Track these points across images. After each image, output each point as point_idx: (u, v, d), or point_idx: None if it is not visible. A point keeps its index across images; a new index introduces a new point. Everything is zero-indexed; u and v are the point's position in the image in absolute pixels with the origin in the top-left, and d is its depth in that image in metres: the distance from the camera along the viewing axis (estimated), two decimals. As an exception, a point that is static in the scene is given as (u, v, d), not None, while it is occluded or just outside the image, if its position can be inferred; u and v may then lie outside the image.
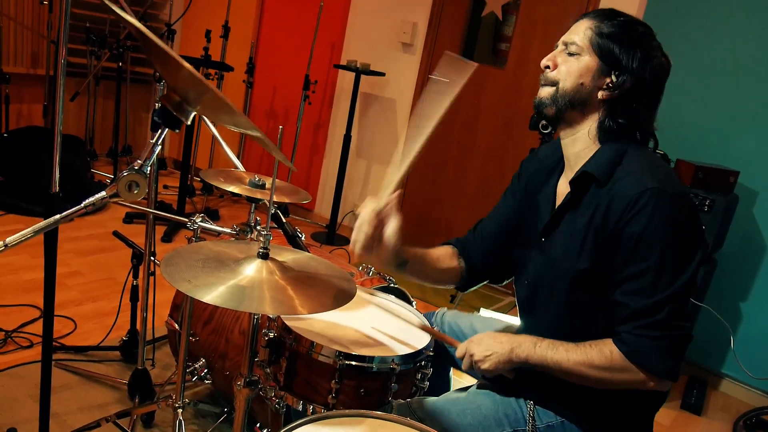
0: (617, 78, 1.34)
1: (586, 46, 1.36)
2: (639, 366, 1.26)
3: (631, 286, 1.28)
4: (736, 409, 3.17)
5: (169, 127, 0.96)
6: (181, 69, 0.82)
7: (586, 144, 1.40)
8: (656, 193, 1.25)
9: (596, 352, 1.29)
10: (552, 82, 1.40)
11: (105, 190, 0.96)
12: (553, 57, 1.41)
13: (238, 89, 4.87)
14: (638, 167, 1.32)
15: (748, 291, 3.27)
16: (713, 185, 2.97)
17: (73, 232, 3.71)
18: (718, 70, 3.20)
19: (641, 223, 1.26)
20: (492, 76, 4.06)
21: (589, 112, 1.39)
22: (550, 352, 1.34)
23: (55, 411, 2.16)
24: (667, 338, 1.25)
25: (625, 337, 1.27)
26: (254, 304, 1.16)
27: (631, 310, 1.27)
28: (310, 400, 1.50)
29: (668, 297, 1.24)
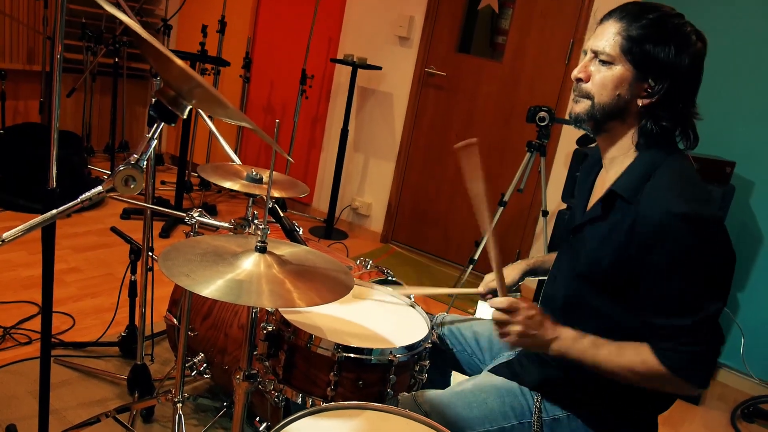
0: (655, 83, 1.29)
1: (617, 55, 1.29)
2: (684, 378, 1.26)
3: (667, 307, 1.26)
4: (734, 398, 3.19)
5: (165, 122, 0.96)
6: (173, 64, 0.82)
7: (625, 150, 1.36)
8: (682, 218, 1.21)
9: (639, 362, 1.27)
10: (587, 95, 1.34)
11: (102, 185, 0.96)
12: (585, 68, 1.35)
13: (235, 84, 4.86)
14: (667, 185, 1.27)
15: (744, 281, 3.28)
16: (709, 176, 2.97)
17: (71, 228, 3.71)
18: (713, 62, 3.20)
19: (666, 250, 1.23)
20: (489, 69, 4.06)
21: (630, 119, 1.34)
22: (591, 350, 1.31)
23: (55, 407, 2.17)
24: (706, 353, 1.25)
25: (669, 354, 1.25)
26: (252, 298, 1.17)
27: (674, 328, 1.25)
28: (309, 393, 1.50)
29: (706, 317, 1.24)
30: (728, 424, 2.97)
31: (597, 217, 1.38)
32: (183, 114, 0.97)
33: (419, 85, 4.26)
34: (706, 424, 2.94)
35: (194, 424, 2.21)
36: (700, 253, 1.22)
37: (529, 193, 3.88)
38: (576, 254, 1.42)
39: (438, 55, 4.19)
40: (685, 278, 1.23)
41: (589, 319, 1.38)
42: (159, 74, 0.94)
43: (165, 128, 5.20)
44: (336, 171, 4.38)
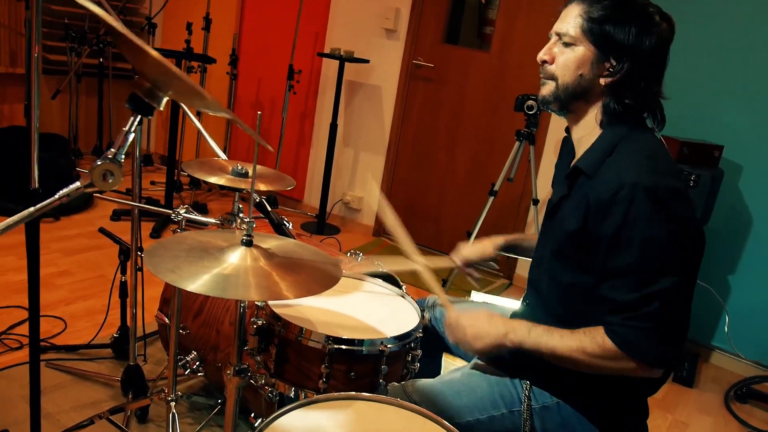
0: (616, 62, 1.31)
1: (578, 35, 1.32)
2: (631, 355, 1.24)
3: (617, 282, 1.26)
4: (727, 380, 3.21)
5: (142, 114, 0.95)
6: (148, 55, 0.81)
7: (590, 129, 1.39)
8: (632, 188, 1.22)
9: (589, 340, 1.28)
10: (551, 76, 1.38)
11: (79, 181, 0.94)
12: (549, 50, 1.39)
13: (222, 81, 4.83)
14: (625, 158, 1.29)
15: (735, 264, 3.29)
16: (698, 160, 2.98)
17: (60, 231, 3.69)
18: (701, 46, 3.21)
19: (617, 220, 1.23)
20: (477, 59, 4.05)
21: (593, 99, 1.37)
22: (545, 337, 1.32)
23: (48, 411, 2.16)
24: (658, 329, 1.23)
25: (616, 328, 1.25)
26: (239, 291, 1.16)
27: (620, 303, 1.25)
28: (302, 385, 1.50)
29: (657, 292, 1.22)
30: (722, 405, 2.98)
31: (564, 195, 1.40)
32: (160, 106, 0.96)
33: (407, 78, 4.25)
34: (700, 406, 2.95)
35: (189, 423, 2.20)
36: (650, 224, 1.21)
37: (520, 182, 3.88)
38: (551, 235, 1.44)
39: (425, 46, 4.18)
40: (631, 249, 1.23)
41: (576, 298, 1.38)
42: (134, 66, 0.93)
43: (153, 128, 5.16)
44: (326, 166, 4.36)
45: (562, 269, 1.38)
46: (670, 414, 2.84)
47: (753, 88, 3.14)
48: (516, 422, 1.42)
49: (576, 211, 1.32)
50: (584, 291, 1.34)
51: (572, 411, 1.41)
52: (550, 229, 1.45)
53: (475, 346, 1.40)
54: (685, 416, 2.84)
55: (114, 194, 4.27)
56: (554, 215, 1.44)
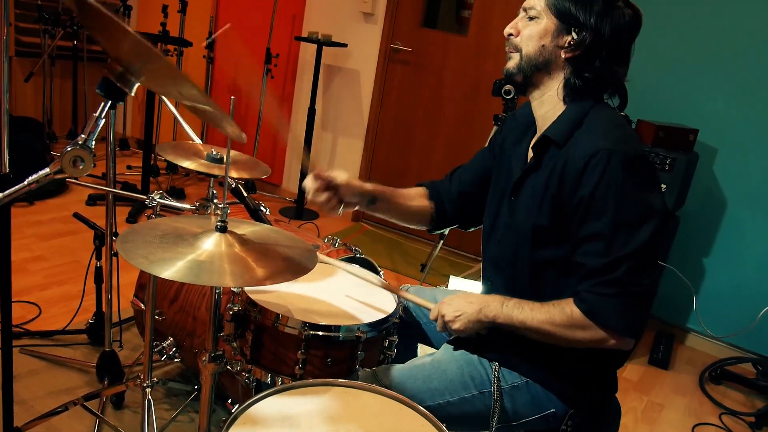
0: (577, 35, 1.34)
1: (542, 8, 1.37)
2: (598, 324, 1.27)
3: (587, 247, 1.29)
4: (702, 361, 3.27)
5: (113, 100, 0.94)
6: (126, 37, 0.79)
7: (553, 104, 1.41)
8: (606, 154, 1.26)
9: (558, 311, 1.31)
10: (515, 48, 1.41)
11: (49, 167, 0.93)
12: (515, 24, 1.42)
13: (199, 65, 4.77)
14: (595, 128, 1.33)
15: (710, 247, 3.35)
16: (674, 144, 3.01)
17: (34, 216, 3.63)
18: (676, 30, 3.23)
19: (591, 185, 1.27)
20: (455, 43, 4.04)
21: (555, 72, 1.40)
22: (516, 311, 1.35)
23: (22, 397, 2.13)
24: (625, 295, 1.25)
25: (584, 295, 1.28)
26: (214, 277, 1.15)
27: (588, 269, 1.28)
28: (278, 372, 1.50)
29: (624, 256, 1.24)
30: (697, 386, 3.04)
31: (532, 166, 1.42)
32: (131, 91, 0.94)
33: (385, 62, 4.23)
34: (676, 388, 3.01)
35: (166, 408, 2.19)
36: (621, 188, 1.25)
37: (498, 167, 3.89)
38: (518, 210, 1.45)
39: (403, 30, 4.16)
40: (603, 213, 1.26)
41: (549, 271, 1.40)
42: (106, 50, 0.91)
43: (130, 112, 5.09)
44: (304, 150, 4.34)
45: (537, 244, 1.40)
46: (645, 396, 2.89)
47: (728, 72, 3.17)
48: (487, 403, 1.44)
49: (551, 182, 1.35)
50: (558, 262, 1.37)
51: (541, 389, 1.43)
52: (517, 206, 1.46)
53: (455, 327, 1.42)
54: (661, 398, 2.89)
55: (89, 179, 4.21)
56: (518, 192, 1.46)
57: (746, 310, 3.23)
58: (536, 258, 1.41)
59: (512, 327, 1.36)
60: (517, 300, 1.37)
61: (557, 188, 1.33)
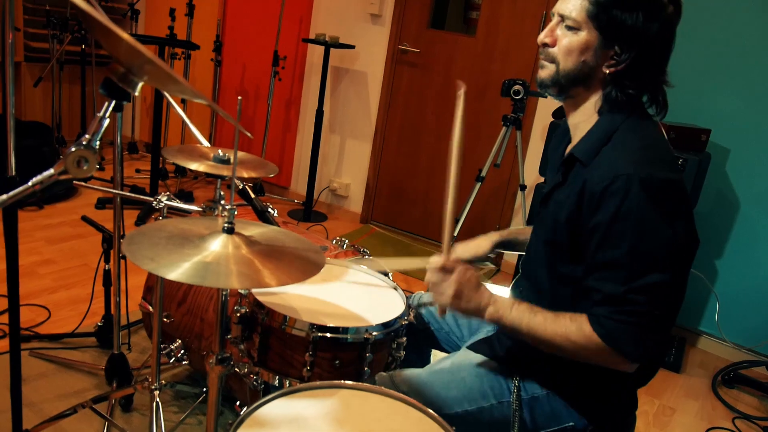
0: (621, 50, 1.25)
1: (583, 20, 1.26)
2: (615, 349, 1.22)
3: (605, 274, 1.22)
4: (714, 365, 3.23)
5: (117, 100, 0.93)
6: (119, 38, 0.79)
7: (588, 115, 1.34)
8: (625, 181, 1.18)
9: (575, 328, 1.25)
10: (552, 60, 1.32)
11: (53, 168, 0.92)
12: (551, 32, 1.32)
13: (207, 68, 4.78)
14: (622, 147, 1.25)
15: (722, 249, 3.31)
16: (685, 145, 2.98)
17: (44, 220, 3.65)
18: (688, 29, 3.19)
19: (608, 213, 1.20)
20: (462, 44, 4.02)
21: (594, 86, 1.32)
22: (527, 316, 1.29)
23: (32, 400, 2.14)
24: (643, 324, 1.20)
25: (602, 321, 1.22)
26: (220, 279, 1.14)
27: (606, 295, 1.22)
28: (286, 374, 1.48)
29: (645, 287, 1.18)
30: (709, 390, 3.00)
31: (558, 183, 1.37)
32: (134, 91, 0.93)
33: (393, 63, 4.22)
34: (688, 391, 2.97)
35: (174, 411, 2.19)
36: (642, 217, 1.18)
37: (507, 168, 3.87)
38: (544, 223, 1.41)
39: (411, 31, 4.15)
40: (622, 242, 1.19)
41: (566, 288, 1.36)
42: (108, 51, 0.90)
43: (138, 116, 5.10)
44: (313, 153, 4.33)
45: (553, 257, 1.36)
46: (657, 399, 2.85)
47: (741, 72, 3.14)
48: (505, 413, 1.40)
49: (569, 200, 1.29)
50: (573, 281, 1.32)
51: (562, 402, 1.40)
52: (544, 218, 1.42)
53: (452, 302, 1.32)
54: (673, 401, 2.86)
55: (97, 182, 4.23)
56: (547, 203, 1.42)
57: (760, 312, 3.19)
58: (555, 274, 1.37)
59: (517, 331, 1.30)
60: (529, 305, 1.31)
61: (575, 208, 1.27)
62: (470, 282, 1.32)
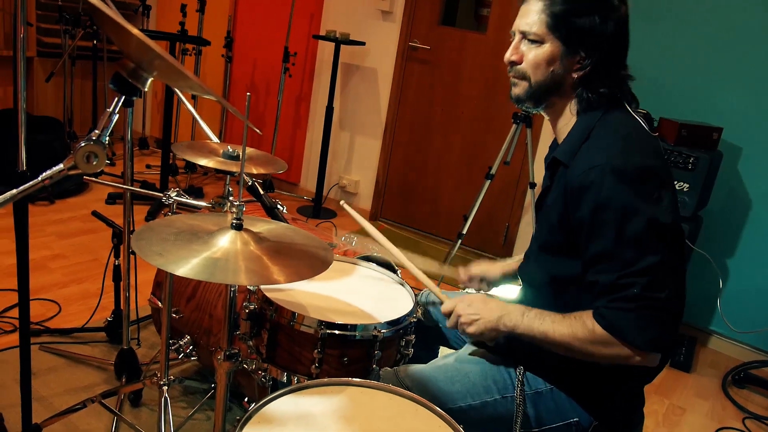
0: (585, 54, 1.31)
1: (544, 32, 1.31)
2: (620, 340, 1.22)
3: (597, 266, 1.25)
4: (725, 364, 3.21)
5: (126, 95, 0.93)
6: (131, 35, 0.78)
7: (568, 119, 1.39)
8: (600, 171, 1.22)
9: (580, 325, 1.26)
10: (522, 76, 1.37)
11: (62, 163, 0.92)
12: (516, 49, 1.38)
13: (218, 64, 4.79)
14: (598, 142, 1.29)
15: (734, 247, 3.28)
16: (697, 142, 2.95)
17: (55, 214, 3.66)
18: (699, 27, 3.17)
19: (589, 204, 1.23)
20: (473, 41, 4.01)
21: (567, 92, 1.37)
22: (537, 322, 1.31)
23: (41, 394, 2.15)
24: (644, 309, 1.20)
25: (602, 311, 1.24)
26: (229, 275, 1.14)
27: (602, 286, 1.24)
28: (294, 371, 1.49)
29: (637, 271, 1.20)
30: (719, 390, 2.98)
31: (547, 187, 1.42)
32: (144, 87, 0.93)
33: (403, 60, 4.21)
34: (698, 391, 2.95)
35: (183, 407, 2.19)
36: (622, 203, 1.20)
37: (517, 166, 3.85)
38: (540, 227, 1.45)
39: (421, 28, 4.13)
40: (606, 231, 1.22)
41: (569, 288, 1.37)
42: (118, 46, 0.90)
43: (149, 111, 5.11)
44: (322, 149, 4.33)
45: (552, 261, 1.38)
46: (666, 399, 2.84)
47: (753, 70, 3.11)
48: (509, 408, 1.41)
49: (557, 202, 1.33)
50: (575, 280, 1.33)
51: (566, 397, 1.40)
52: (540, 222, 1.46)
53: (469, 330, 1.39)
54: (683, 401, 2.84)
55: (108, 177, 4.25)
56: (540, 208, 1.46)
57: (771, 311, 3.17)
58: (556, 274, 1.38)
59: (532, 338, 1.33)
60: (539, 310, 1.33)
61: (562, 208, 1.31)
62: (476, 302, 1.41)
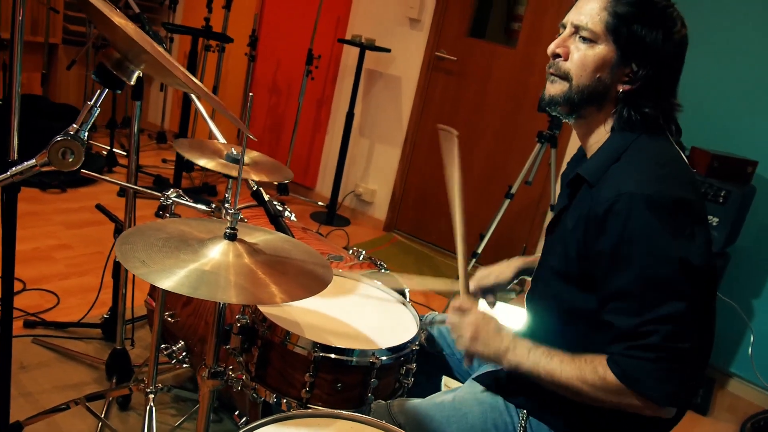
0: (638, 68, 1.17)
1: (601, 32, 1.17)
2: (634, 391, 1.11)
3: (615, 305, 1.13)
4: (744, 410, 3.05)
5: (110, 88, 0.84)
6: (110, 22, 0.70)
7: (601, 135, 1.25)
8: (629, 198, 1.09)
9: (590, 369, 1.15)
10: (564, 75, 1.23)
11: (35, 158, 0.84)
12: (564, 43, 1.23)
13: (241, 62, 4.73)
14: (630, 165, 1.16)
15: (762, 288, 3.13)
16: (729, 175, 2.82)
17: (65, 203, 3.61)
18: (736, 53, 3.04)
19: (613, 235, 1.10)
20: (502, 55, 3.90)
21: (607, 106, 1.23)
22: (544, 361, 1.19)
23: (29, 389, 2.09)
24: (664, 360, 1.08)
25: (617, 358, 1.12)
26: (215, 291, 1.05)
27: (619, 330, 1.12)
28: (284, 393, 1.39)
29: (659, 318, 1.08)
30: (736, 436, 2.84)
31: (564, 207, 1.28)
32: (130, 80, 0.84)
33: (428, 70, 4.11)
34: (713, 435, 2.81)
35: (173, 414, 2.11)
36: (651, 240, 1.08)
37: (538, 186, 3.73)
38: (553, 252, 1.30)
39: (449, 38, 4.04)
40: (629, 267, 1.09)
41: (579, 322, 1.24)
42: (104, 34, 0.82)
43: (169, 105, 5.04)
44: (340, 155, 4.25)
45: (565, 290, 1.25)
46: (679, 441, 2.69)
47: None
48: None
49: (576, 225, 1.19)
50: (588, 314, 1.21)
51: None
52: (551, 246, 1.32)
53: (471, 346, 1.27)
54: (696, 445, 2.70)
55: (123, 170, 4.20)
56: (553, 230, 1.32)
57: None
58: (565, 307, 1.26)
59: (536, 376, 1.21)
60: (547, 348, 1.21)
61: (582, 234, 1.17)
62: (488, 325, 1.27)
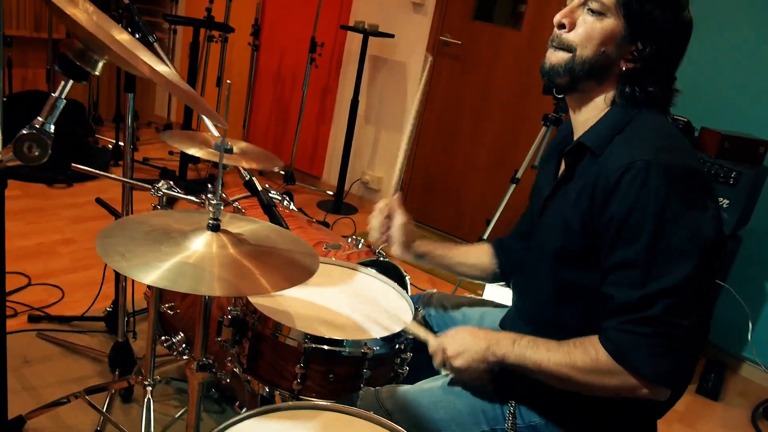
0: (643, 46, 1.15)
1: (611, 5, 1.15)
2: (628, 368, 1.08)
3: (618, 276, 1.09)
4: (756, 395, 3.00)
5: (74, 79, 0.82)
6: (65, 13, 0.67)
7: (599, 109, 1.22)
8: (645, 165, 1.06)
9: (580, 353, 1.12)
10: (568, 47, 1.19)
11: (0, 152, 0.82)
12: (571, 13, 1.20)
13: (244, 52, 4.70)
14: (638, 135, 1.13)
15: (772, 270, 3.07)
16: (740, 156, 2.75)
17: (71, 198, 3.62)
18: (748, 31, 2.96)
19: (626, 203, 1.07)
20: (507, 38, 3.84)
21: (608, 81, 1.20)
22: (530, 350, 1.17)
23: (32, 383, 2.10)
24: (661, 336, 1.05)
25: (612, 333, 1.09)
26: (198, 284, 1.03)
27: (618, 303, 1.09)
28: (275, 385, 1.37)
29: (663, 290, 1.04)
30: (748, 423, 2.78)
31: (564, 177, 1.24)
32: (94, 70, 0.82)
33: (433, 54, 4.06)
34: (725, 422, 2.76)
35: (175, 405, 2.11)
36: (663, 207, 1.05)
37: (546, 171, 3.68)
38: (549, 232, 1.27)
39: (453, 22, 3.98)
40: (639, 236, 1.06)
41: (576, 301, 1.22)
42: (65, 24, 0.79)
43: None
44: (346, 143, 4.22)
45: (564, 268, 1.22)
46: (691, 429, 2.65)
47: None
48: None
49: (579, 197, 1.16)
50: (585, 295, 1.19)
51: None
52: (546, 227, 1.29)
53: (456, 363, 1.25)
54: None
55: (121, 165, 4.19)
56: (546, 209, 1.29)
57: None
58: (560, 287, 1.23)
59: (524, 368, 1.18)
60: (532, 338, 1.19)
61: (587, 205, 1.14)
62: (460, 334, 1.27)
